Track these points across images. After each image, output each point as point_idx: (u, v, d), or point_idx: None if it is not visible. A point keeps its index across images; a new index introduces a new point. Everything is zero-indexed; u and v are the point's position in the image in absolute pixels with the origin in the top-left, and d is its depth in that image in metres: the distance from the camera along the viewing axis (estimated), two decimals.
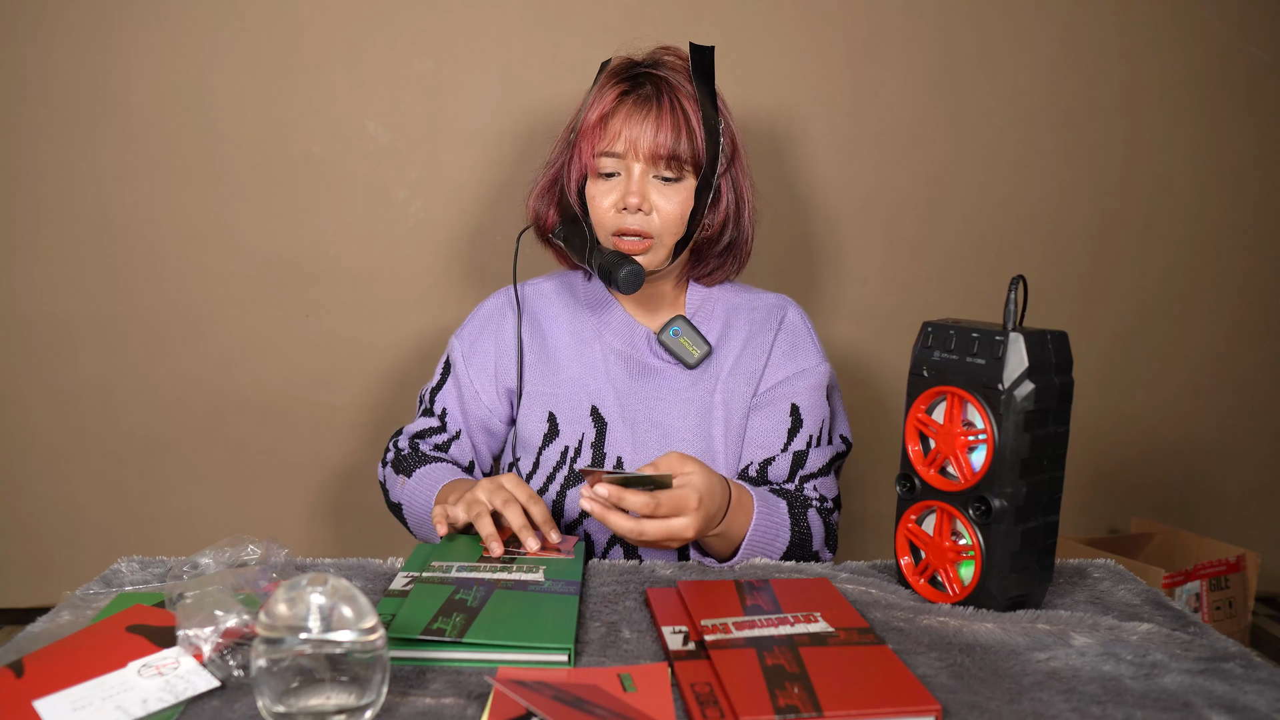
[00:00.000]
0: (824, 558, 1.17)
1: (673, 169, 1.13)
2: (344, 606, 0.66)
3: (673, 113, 1.13)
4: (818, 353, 1.25)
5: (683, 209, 1.15)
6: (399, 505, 1.25)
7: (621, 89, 1.16)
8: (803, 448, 1.20)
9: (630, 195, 1.13)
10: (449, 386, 1.28)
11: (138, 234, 1.83)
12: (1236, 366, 2.14)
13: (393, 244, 1.87)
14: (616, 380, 1.22)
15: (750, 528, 1.07)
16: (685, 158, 1.13)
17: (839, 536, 1.23)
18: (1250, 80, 2.02)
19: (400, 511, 1.25)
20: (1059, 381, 0.88)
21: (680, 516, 0.95)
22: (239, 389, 1.89)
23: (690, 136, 1.13)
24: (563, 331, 1.26)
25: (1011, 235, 2.01)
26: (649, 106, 1.14)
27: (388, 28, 1.81)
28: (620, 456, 1.20)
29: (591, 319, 1.25)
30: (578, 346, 1.24)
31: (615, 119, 1.14)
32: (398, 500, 1.24)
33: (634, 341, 1.23)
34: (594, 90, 1.18)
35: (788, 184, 1.93)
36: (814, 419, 1.21)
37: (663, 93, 1.14)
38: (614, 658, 0.80)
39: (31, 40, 1.75)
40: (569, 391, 1.22)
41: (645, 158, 1.13)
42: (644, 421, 1.20)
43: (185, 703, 0.71)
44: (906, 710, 0.68)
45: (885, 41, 1.90)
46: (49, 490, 1.90)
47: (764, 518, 1.08)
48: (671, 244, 1.17)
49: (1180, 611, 0.91)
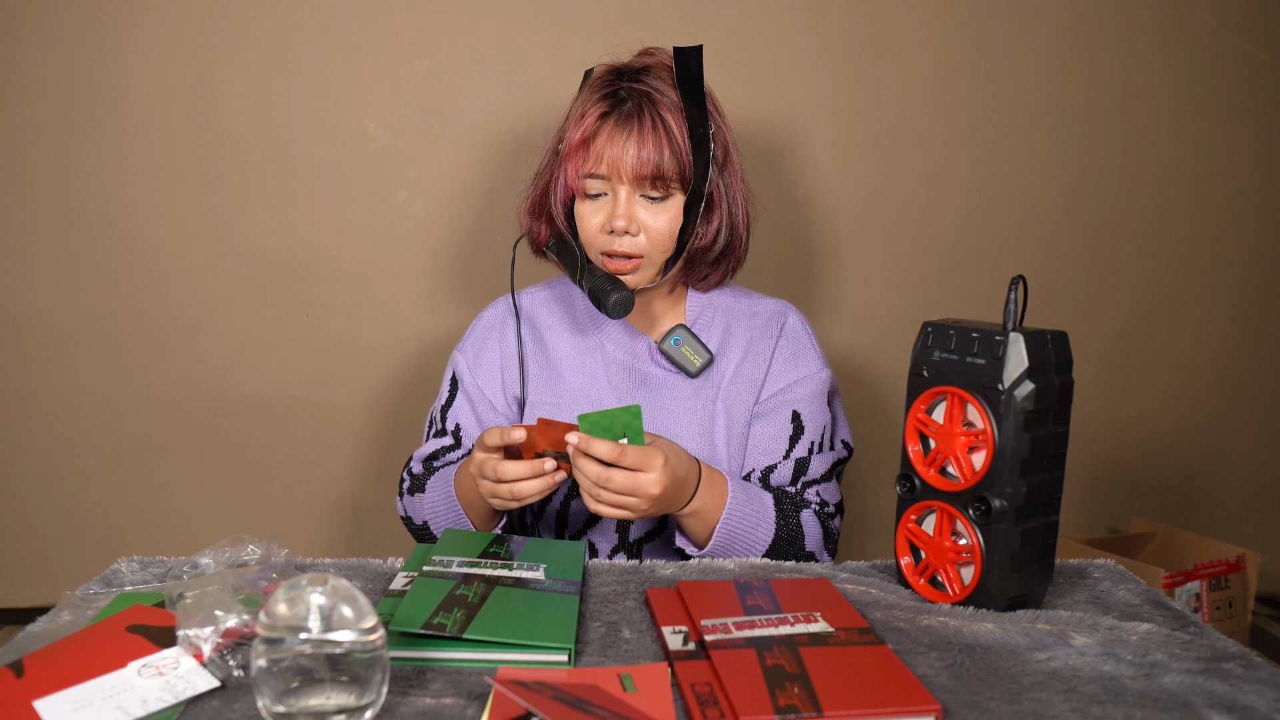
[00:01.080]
0: (821, 560, 1.16)
1: (658, 188, 1.12)
2: (344, 606, 0.66)
3: (654, 131, 1.11)
4: (818, 359, 1.25)
5: (671, 226, 1.14)
6: (425, 525, 1.21)
7: (602, 109, 1.13)
8: (805, 454, 1.20)
9: (617, 219, 1.12)
10: (460, 402, 1.26)
11: (138, 234, 1.83)
12: (1236, 366, 2.14)
13: (393, 244, 1.87)
14: (619, 390, 1.21)
15: (725, 510, 1.07)
16: (670, 175, 1.11)
17: (840, 534, 1.23)
18: (1250, 81, 2.02)
19: (429, 529, 1.21)
20: (1059, 381, 0.88)
21: (646, 472, 0.97)
22: (239, 389, 1.89)
23: (675, 152, 1.11)
24: (563, 342, 1.25)
25: (1011, 235, 2.01)
26: (630, 126, 1.12)
27: (388, 28, 1.81)
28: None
29: (592, 329, 1.25)
30: (579, 357, 1.24)
31: (598, 141, 1.12)
32: (423, 521, 1.21)
33: (635, 351, 1.23)
34: (577, 104, 1.17)
35: (788, 184, 1.93)
36: (815, 425, 1.21)
37: (644, 110, 1.12)
38: (614, 658, 0.80)
39: (31, 40, 1.75)
40: (572, 403, 1.21)
41: (630, 179, 1.11)
42: (647, 425, 1.19)
43: (185, 703, 0.71)
44: (906, 710, 0.68)
45: (885, 41, 1.90)
46: (49, 490, 1.90)
47: (740, 505, 1.09)
48: (661, 261, 1.16)
49: (1180, 611, 0.91)
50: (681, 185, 1.13)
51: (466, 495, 1.11)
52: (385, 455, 1.93)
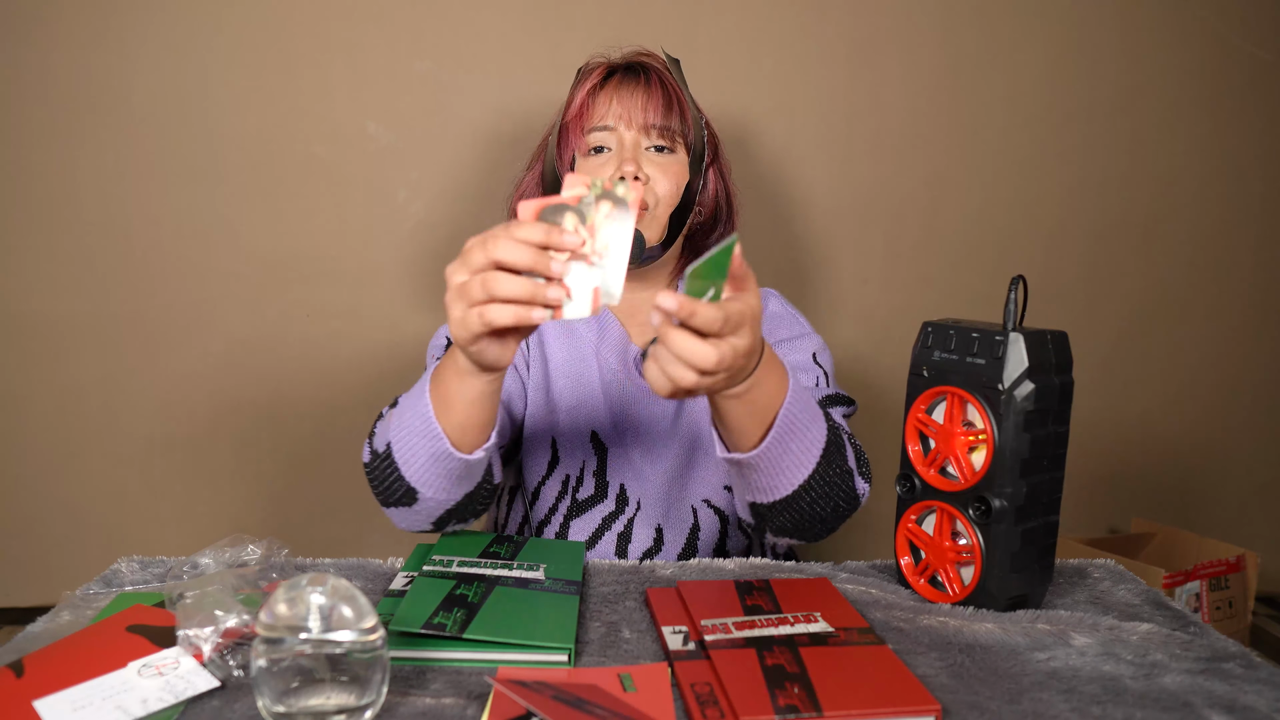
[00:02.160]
0: (860, 486, 0.96)
1: (665, 138, 1.12)
2: (344, 606, 0.66)
3: (661, 86, 1.12)
4: (802, 326, 1.21)
5: (678, 180, 1.12)
6: (389, 451, 0.92)
7: (605, 72, 1.15)
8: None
9: (626, 163, 1.09)
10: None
11: (138, 234, 1.83)
12: (1236, 366, 2.14)
13: (393, 244, 1.87)
14: (613, 402, 1.17)
15: (789, 388, 0.85)
16: (677, 130, 1.12)
17: (840, 534, 1.15)
18: (1251, 80, 2.02)
19: (394, 459, 0.92)
20: (1059, 381, 0.88)
21: (743, 331, 0.73)
22: (239, 389, 1.89)
23: (682, 112, 1.12)
24: (560, 348, 1.20)
25: (1011, 235, 2.01)
26: (637, 80, 1.13)
27: (388, 28, 1.81)
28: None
29: (589, 335, 1.20)
30: (575, 364, 1.19)
31: (603, 94, 1.13)
32: (389, 442, 0.92)
33: (626, 361, 1.18)
34: (573, 88, 1.17)
35: (788, 184, 1.93)
36: (804, 374, 1.14)
37: (649, 70, 1.14)
38: (614, 658, 0.80)
39: (31, 40, 1.75)
40: (568, 419, 1.17)
41: (638, 126, 1.11)
42: (640, 441, 1.17)
43: (185, 703, 0.71)
44: (906, 710, 0.68)
45: (885, 41, 1.91)
46: (49, 490, 1.90)
47: (799, 392, 0.87)
48: (666, 217, 1.12)
49: (1180, 611, 0.91)
50: (685, 144, 1.13)
51: (443, 386, 0.87)
52: None
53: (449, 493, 0.94)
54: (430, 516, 0.98)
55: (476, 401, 0.86)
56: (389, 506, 0.98)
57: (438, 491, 0.93)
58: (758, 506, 0.94)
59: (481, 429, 0.88)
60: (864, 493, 0.96)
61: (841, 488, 0.93)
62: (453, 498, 0.95)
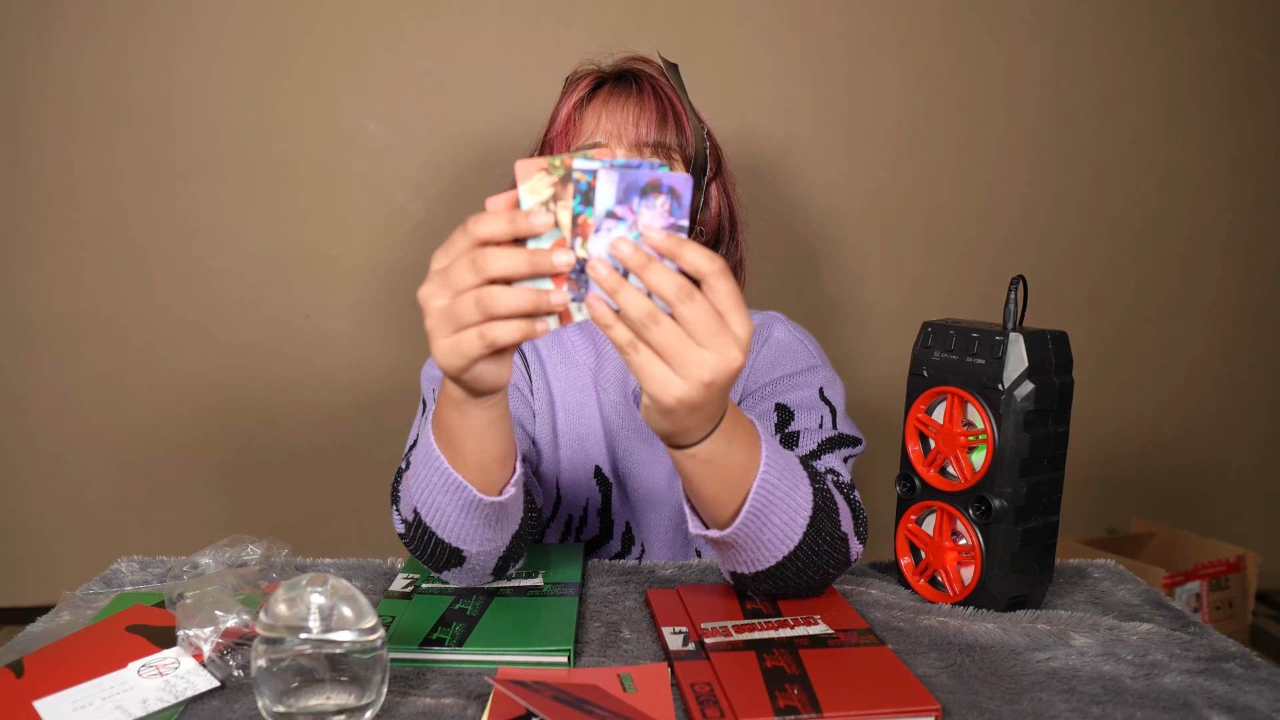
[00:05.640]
0: (854, 549, 0.88)
1: (660, 155, 1.00)
2: (344, 606, 0.66)
3: (655, 97, 1.01)
4: (811, 357, 1.10)
5: None
6: (417, 517, 0.84)
7: (593, 83, 1.03)
8: (794, 431, 1.01)
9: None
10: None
11: (138, 234, 1.83)
12: (1236, 366, 2.14)
13: (393, 244, 1.87)
14: (614, 435, 1.11)
15: (762, 455, 0.76)
16: (673, 144, 1.00)
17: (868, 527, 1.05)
18: (1247, 81, 2.03)
19: (423, 523, 0.84)
20: (1059, 381, 0.88)
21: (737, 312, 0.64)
22: (239, 389, 1.89)
23: (679, 124, 1.01)
24: (559, 376, 1.12)
25: (1011, 235, 2.01)
26: (628, 92, 1.01)
27: (388, 28, 1.81)
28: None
29: (587, 361, 1.12)
30: (575, 394, 1.11)
31: (590, 109, 1.02)
32: (413, 510, 0.85)
33: (625, 393, 1.12)
34: (560, 99, 1.07)
35: (788, 184, 1.93)
36: (808, 413, 1.03)
37: (641, 80, 1.02)
38: (614, 658, 0.80)
39: (31, 40, 1.75)
40: (570, 455, 1.10)
41: (629, 143, 0.99)
42: (643, 480, 1.11)
43: (185, 703, 0.71)
44: (906, 710, 0.68)
45: (885, 42, 1.91)
46: (49, 490, 1.90)
47: (776, 453, 0.78)
48: None
49: (1180, 611, 0.91)
50: (683, 158, 1.02)
51: (446, 428, 0.78)
52: (385, 455, 1.93)
53: (494, 541, 0.85)
54: (486, 569, 0.89)
55: (486, 433, 0.77)
56: (439, 571, 0.90)
57: (482, 544, 0.85)
58: (740, 575, 0.86)
59: (503, 463, 0.80)
60: (858, 554, 0.88)
61: (833, 555, 0.84)
62: (500, 544, 0.86)
